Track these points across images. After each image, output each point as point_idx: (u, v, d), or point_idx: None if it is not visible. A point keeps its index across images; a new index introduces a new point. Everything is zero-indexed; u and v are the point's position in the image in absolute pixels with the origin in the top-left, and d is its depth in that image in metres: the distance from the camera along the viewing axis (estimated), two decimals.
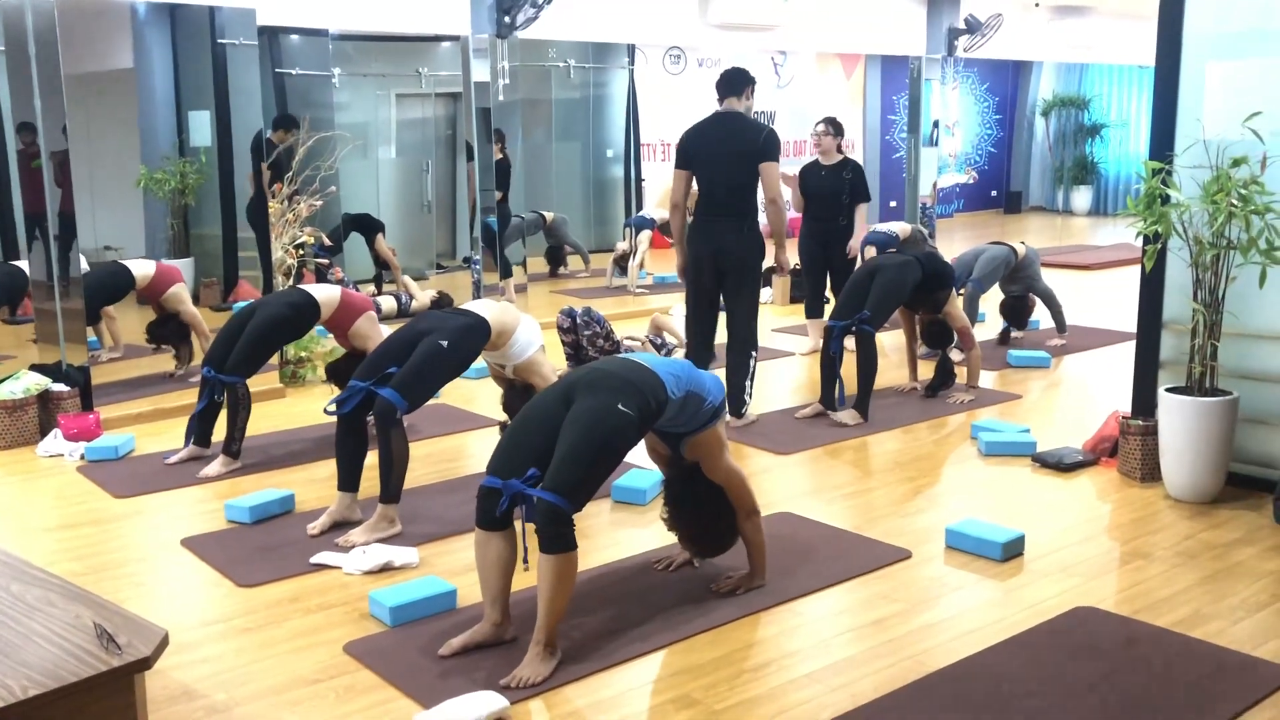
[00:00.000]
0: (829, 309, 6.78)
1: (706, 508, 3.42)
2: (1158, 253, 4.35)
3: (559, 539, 2.92)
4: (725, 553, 3.54)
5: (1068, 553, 3.84)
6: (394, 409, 3.98)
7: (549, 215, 10.50)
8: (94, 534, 4.16)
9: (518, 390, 4.39)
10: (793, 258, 6.64)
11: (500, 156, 9.48)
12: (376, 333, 5.13)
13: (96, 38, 7.38)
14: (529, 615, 3.17)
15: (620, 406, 3.03)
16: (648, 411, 3.11)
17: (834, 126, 7.28)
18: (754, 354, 5.41)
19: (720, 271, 5.32)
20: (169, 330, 6.32)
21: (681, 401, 3.21)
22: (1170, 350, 4.64)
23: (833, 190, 7.15)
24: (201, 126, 7.40)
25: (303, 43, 9.35)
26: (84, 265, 5.81)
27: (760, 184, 5.27)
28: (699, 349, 5.43)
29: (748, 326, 5.36)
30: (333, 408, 4.08)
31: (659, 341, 6.82)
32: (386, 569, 3.72)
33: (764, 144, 5.18)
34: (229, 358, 4.84)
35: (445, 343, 4.10)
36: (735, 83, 5.37)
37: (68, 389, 5.45)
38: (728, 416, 4.43)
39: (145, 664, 2.44)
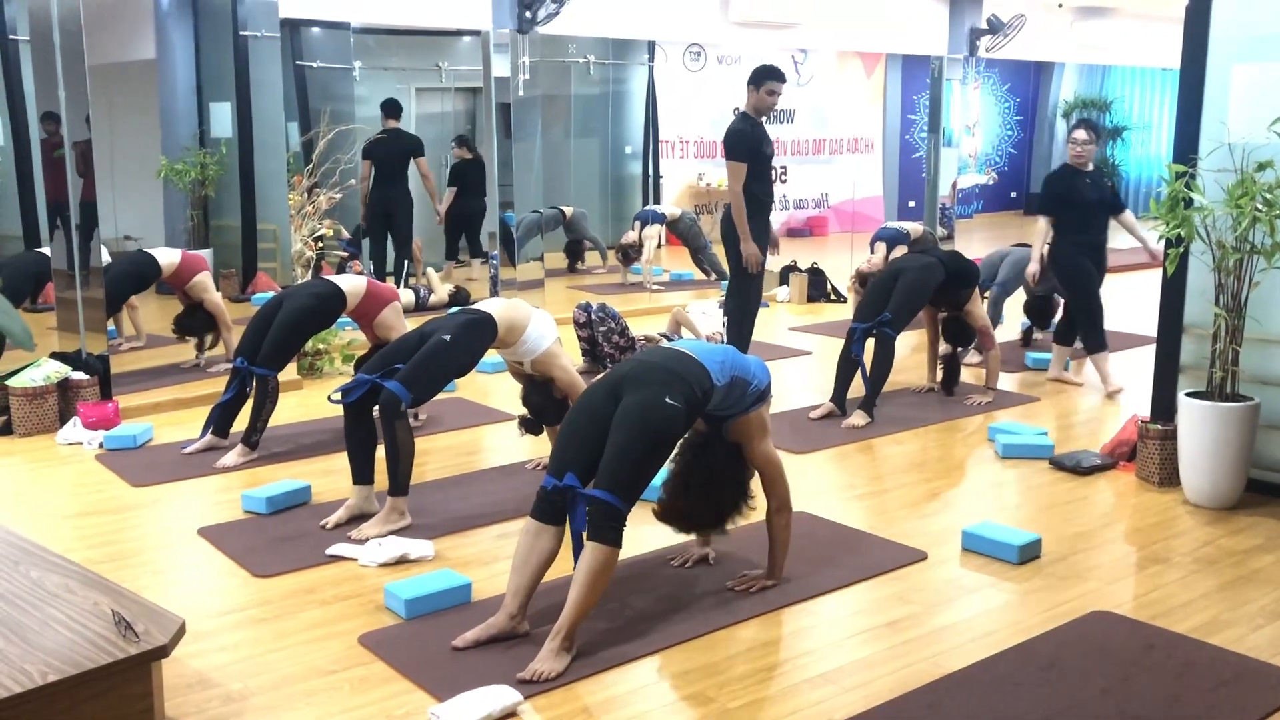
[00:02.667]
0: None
1: (715, 481, 3.32)
2: (1180, 256, 4.33)
3: (608, 530, 2.99)
4: (719, 531, 3.43)
5: (1084, 557, 3.82)
6: (398, 401, 3.99)
7: (568, 210, 10.52)
8: (112, 522, 4.19)
9: (538, 384, 4.38)
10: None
11: (470, 158, 9.58)
12: (401, 324, 5.13)
13: (120, 28, 7.43)
14: (544, 611, 3.18)
15: (667, 400, 3.10)
16: (694, 401, 3.18)
17: (1095, 131, 6.28)
18: (728, 320, 6.11)
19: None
20: (197, 321, 6.31)
21: (727, 387, 3.28)
22: (1190, 354, 4.60)
23: (1100, 199, 6.20)
24: (222, 118, 7.44)
25: (324, 35, 9.37)
26: (105, 255, 5.83)
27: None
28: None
29: (731, 296, 6.16)
30: (337, 396, 4.10)
31: (674, 339, 6.80)
32: (402, 561, 3.73)
33: (724, 142, 5.78)
34: (260, 349, 4.86)
35: (448, 337, 4.13)
36: (750, 82, 5.84)
37: (87, 377, 5.48)
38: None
39: (162, 652, 2.46)
